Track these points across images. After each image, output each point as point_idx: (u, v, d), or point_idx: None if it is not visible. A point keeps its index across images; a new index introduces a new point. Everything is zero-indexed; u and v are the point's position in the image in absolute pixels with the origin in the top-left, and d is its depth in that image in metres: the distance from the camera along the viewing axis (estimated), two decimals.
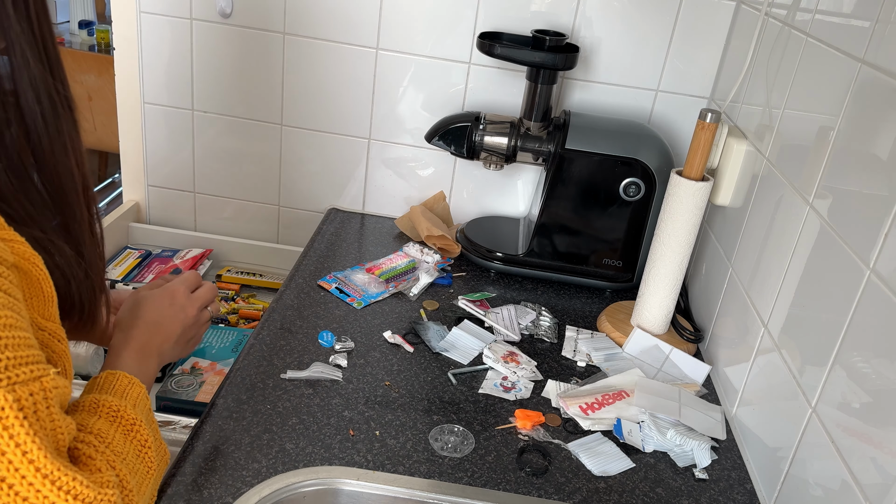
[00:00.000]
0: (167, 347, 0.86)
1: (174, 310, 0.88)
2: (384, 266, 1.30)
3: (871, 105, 0.85)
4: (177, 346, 0.88)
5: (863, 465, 0.76)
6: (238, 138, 1.65)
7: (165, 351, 0.86)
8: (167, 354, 0.86)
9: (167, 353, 0.86)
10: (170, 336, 0.86)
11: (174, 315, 0.88)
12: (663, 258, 1.24)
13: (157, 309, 0.87)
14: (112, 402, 0.71)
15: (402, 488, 0.92)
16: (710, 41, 1.46)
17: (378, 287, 1.30)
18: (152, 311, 0.86)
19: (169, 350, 0.86)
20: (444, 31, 1.50)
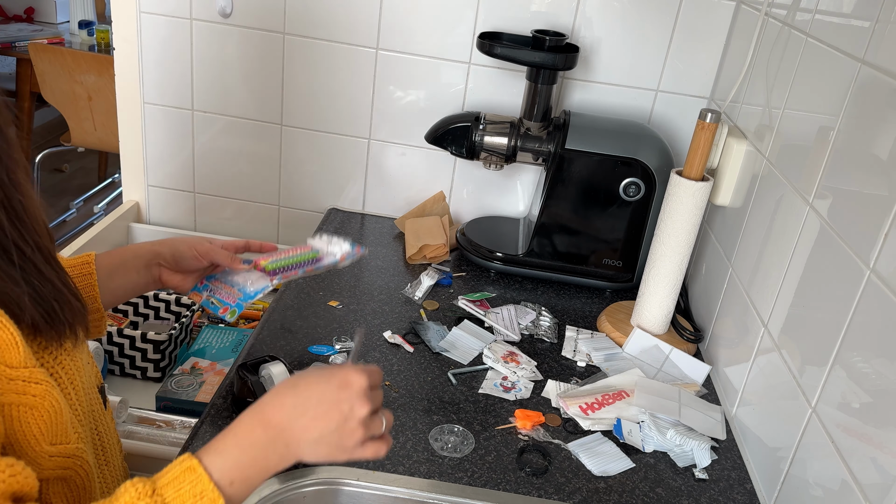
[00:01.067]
0: (313, 436, 0.67)
1: (341, 396, 0.68)
2: (272, 256, 1.02)
3: (871, 105, 0.85)
4: (321, 446, 0.68)
5: (863, 465, 0.76)
6: (238, 138, 1.65)
7: (306, 440, 0.67)
8: (305, 451, 0.68)
9: (306, 449, 0.67)
10: (325, 421, 0.67)
11: (337, 402, 0.68)
12: (663, 258, 1.24)
13: (318, 388, 0.68)
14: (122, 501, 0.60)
15: (402, 488, 0.92)
16: (710, 41, 1.46)
17: (259, 282, 0.99)
18: (309, 388, 0.68)
19: (309, 447, 0.67)
20: (444, 31, 1.50)
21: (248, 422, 0.67)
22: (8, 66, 4.11)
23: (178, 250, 0.96)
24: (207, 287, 1.02)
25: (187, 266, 0.97)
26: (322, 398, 0.68)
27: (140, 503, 0.60)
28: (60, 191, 3.84)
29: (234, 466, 0.64)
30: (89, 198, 3.79)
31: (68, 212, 3.63)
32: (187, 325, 1.43)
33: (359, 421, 0.69)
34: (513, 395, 1.12)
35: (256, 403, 0.68)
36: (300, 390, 0.69)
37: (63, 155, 3.99)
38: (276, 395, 0.69)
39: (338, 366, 0.72)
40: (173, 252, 0.96)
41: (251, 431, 0.66)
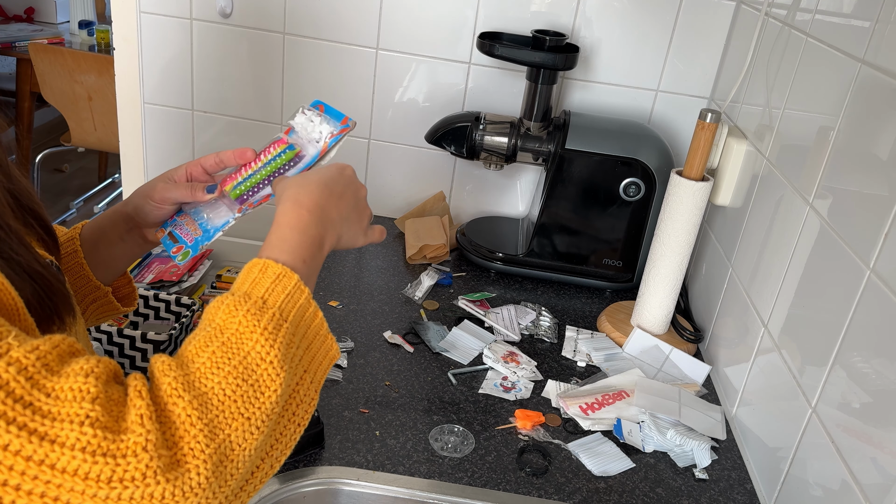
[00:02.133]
0: (343, 213, 0.73)
1: (345, 178, 0.76)
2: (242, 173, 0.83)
3: (871, 105, 0.85)
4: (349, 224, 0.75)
5: (863, 465, 0.76)
6: (238, 138, 1.65)
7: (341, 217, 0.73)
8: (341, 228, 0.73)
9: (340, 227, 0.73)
10: (343, 203, 0.74)
11: (345, 184, 0.75)
12: (663, 258, 1.24)
13: (326, 174, 0.74)
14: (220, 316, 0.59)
15: (402, 488, 0.92)
16: (710, 41, 1.46)
17: (221, 216, 0.85)
18: (320, 175, 0.74)
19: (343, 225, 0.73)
20: (443, 31, 1.51)
21: (293, 210, 0.70)
22: (8, 66, 4.11)
23: (137, 206, 0.85)
24: (174, 221, 0.86)
25: (154, 219, 0.85)
26: (334, 181, 0.74)
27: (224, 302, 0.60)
28: (60, 191, 3.84)
29: (300, 247, 0.67)
30: (89, 198, 3.79)
31: (68, 212, 3.63)
32: (187, 325, 1.43)
33: (364, 199, 0.77)
34: (513, 395, 1.12)
35: (287, 196, 0.71)
36: (314, 178, 0.73)
37: (63, 155, 4.00)
38: (301, 185, 0.72)
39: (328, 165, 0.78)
40: (135, 209, 0.85)
41: (299, 217, 0.69)
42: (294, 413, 0.61)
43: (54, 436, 0.48)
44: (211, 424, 0.53)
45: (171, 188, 0.83)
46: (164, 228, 0.86)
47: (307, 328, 0.64)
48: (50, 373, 0.50)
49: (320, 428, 0.96)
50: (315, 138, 0.84)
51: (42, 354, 0.50)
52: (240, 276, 0.64)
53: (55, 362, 0.51)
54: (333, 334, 1.06)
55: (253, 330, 0.58)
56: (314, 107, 0.87)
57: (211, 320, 0.60)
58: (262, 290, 0.62)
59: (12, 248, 0.61)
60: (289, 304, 0.62)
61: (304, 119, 0.86)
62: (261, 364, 0.57)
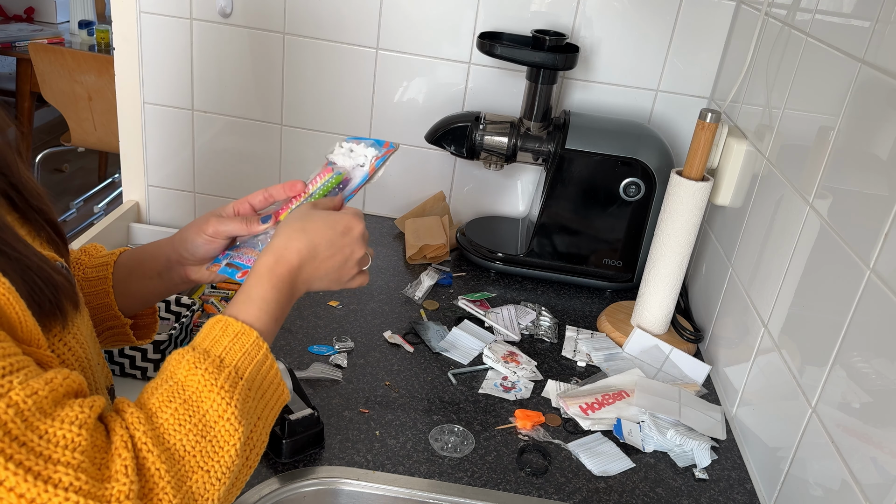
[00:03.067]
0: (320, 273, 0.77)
1: (345, 241, 0.78)
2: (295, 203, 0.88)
3: (871, 105, 0.85)
4: (324, 281, 0.79)
5: (863, 465, 0.76)
6: (238, 138, 1.65)
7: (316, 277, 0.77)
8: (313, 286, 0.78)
9: (313, 284, 0.78)
10: (331, 262, 0.77)
11: (341, 247, 0.78)
12: (663, 258, 1.24)
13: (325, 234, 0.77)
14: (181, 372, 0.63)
15: (402, 488, 0.92)
16: (710, 41, 1.46)
17: None
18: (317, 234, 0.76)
19: (316, 282, 0.78)
20: (444, 31, 1.51)
21: (272, 265, 0.73)
22: (8, 66, 4.11)
23: (187, 241, 0.86)
24: (228, 255, 0.88)
25: (204, 254, 0.86)
26: (330, 244, 0.77)
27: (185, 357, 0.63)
28: (60, 191, 3.84)
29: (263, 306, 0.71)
30: (89, 198, 3.79)
31: (68, 212, 3.63)
32: (187, 325, 1.43)
33: (356, 261, 0.80)
34: (513, 395, 1.12)
35: (272, 248, 0.75)
36: (310, 236, 0.76)
37: (63, 155, 4.00)
38: (290, 239, 0.75)
39: (339, 213, 0.79)
40: (184, 244, 0.86)
41: (275, 276, 0.73)
42: (247, 457, 0.65)
43: (46, 476, 0.51)
44: (176, 477, 0.58)
45: (224, 222, 0.86)
46: (219, 262, 0.88)
47: (262, 380, 0.67)
48: (43, 415, 0.53)
49: (320, 428, 0.96)
50: (360, 163, 0.89)
51: (39, 399, 0.53)
52: (202, 330, 0.68)
53: (49, 406, 0.54)
54: (333, 334, 1.06)
55: (210, 389, 0.62)
56: (349, 141, 0.90)
57: (173, 374, 0.63)
58: (220, 348, 0.65)
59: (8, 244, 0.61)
60: (245, 361, 0.65)
61: (344, 151, 0.90)
62: (218, 421, 0.61)
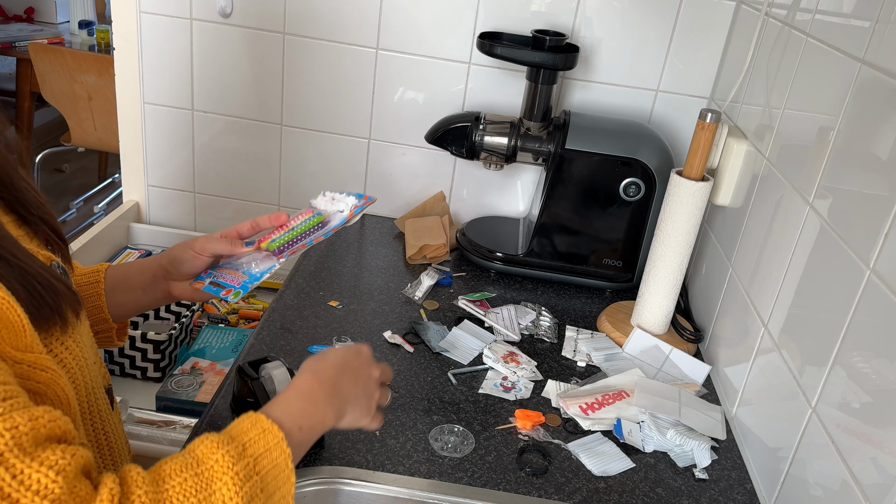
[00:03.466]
0: (352, 391, 0.78)
1: (361, 361, 0.82)
2: (277, 233, 0.94)
3: (871, 105, 0.85)
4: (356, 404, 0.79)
5: (863, 465, 0.76)
6: (238, 138, 1.65)
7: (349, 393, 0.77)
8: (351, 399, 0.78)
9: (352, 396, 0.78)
10: (356, 380, 0.79)
11: (359, 367, 0.81)
12: (663, 258, 1.24)
13: (343, 354, 0.81)
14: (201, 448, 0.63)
15: (402, 488, 0.92)
16: (710, 41, 1.46)
17: (265, 262, 0.93)
18: (337, 355, 0.80)
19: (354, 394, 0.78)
20: (444, 31, 1.51)
21: (307, 379, 0.76)
22: (8, 66, 4.11)
23: (174, 256, 0.92)
24: (210, 274, 0.94)
25: (189, 269, 0.92)
26: (349, 362, 0.80)
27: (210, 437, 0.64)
28: (60, 191, 3.84)
29: (301, 414, 0.72)
30: (89, 198, 3.79)
31: (68, 212, 3.63)
32: (187, 325, 1.43)
33: (375, 383, 0.82)
34: (513, 395, 1.12)
35: (306, 366, 0.78)
36: (333, 357, 0.79)
37: (63, 155, 3.99)
38: (320, 360, 0.79)
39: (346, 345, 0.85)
40: (171, 259, 0.92)
41: (311, 387, 0.75)
42: None
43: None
44: None
45: (212, 240, 0.91)
46: (202, 280, 0.93)
47: (276, 489, 0.66)
48: (22, 452, 0.51)
49: None
50: (340, 209, 1.00)
51: (18, 435, 0.52)
52: (234, 422, 0.69)
53: (29, 444, 0.52)
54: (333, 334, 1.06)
55: (226, 471, 0.62)
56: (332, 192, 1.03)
57: (193, 449, 0.64)
58: (245, 438, 0.66)
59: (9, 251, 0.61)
60: (265, 459, 0.65)
61: (326, 199, 1.02)
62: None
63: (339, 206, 1.00)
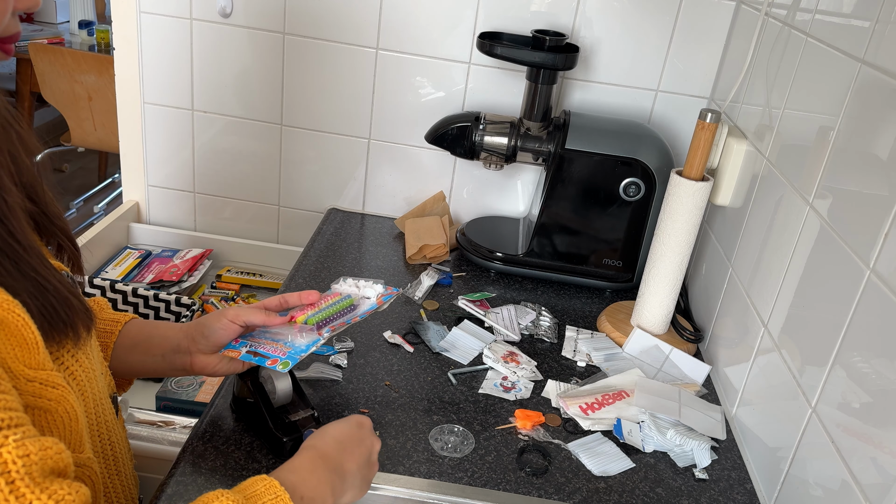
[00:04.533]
0: (352, 467, 0.79)
1: (362, 433, 0.83)
2: (310, 310, 0.94)
3: (871, 105, 0.85)
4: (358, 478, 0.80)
5: (863, 465, 0.76)
6: (238, 138, 1.65)
7: (349, 470, 0.79)
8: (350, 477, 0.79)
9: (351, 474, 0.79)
10: (356, 457, 0.80)
11: (361, 438, 0.83)
12: (663, 258, 1.24)
13: (344, 429, 0.82)
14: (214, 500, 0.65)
15: (402, 488, 0.92)
16: (710, 41, 1.46)
17: (309, 335, 0.92)
18: (339, 430, 0.82)
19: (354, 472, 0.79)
20: (444, 31, 1.51)
21: (309, 456, 0.77)
22: (8, 66, 4.11)
23: (204, 324, 0.90)
24: (245, 343, 0.91)
25: (219, 338, 0.89)
26: (351, 436, 0.82)
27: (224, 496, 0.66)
28: (60, 191, 3.82)
29: (304, 484, 0.73)
30: (89, 198, 3.79)
31: (68, 212, 3.63)
32: None
33: (376, 453, 0.84)
34: (513, 395, 1.12)
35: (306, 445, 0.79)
36: (334, 432, 0.81)
37: (63, 155, 4.00)
38: (320, 437, 0.80)
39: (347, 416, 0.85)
40: (201, 327, 0.90)
41: (314, 462, 0.76)
42: None
43: None
44: None
45: (245, 310, 0.90)
46: (235, 349, 0.90)
47: None
48: (32, 482, 0.52)
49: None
50: (367, 295, 1.00)
51: (29, 463, 0.53)
52: (245, 482, 0.71)
53: (38, 474, 0.53)
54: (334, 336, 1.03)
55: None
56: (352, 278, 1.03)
57: (206, 501, 0.66)
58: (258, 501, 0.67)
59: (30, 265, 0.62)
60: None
61: (348, 285, 1.01)
62: None
63: (365, 293, 1.00)
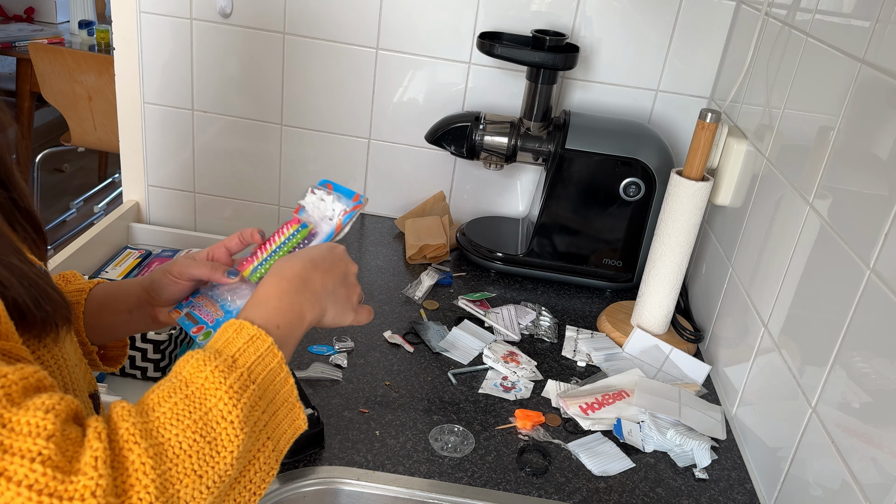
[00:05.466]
0: (327, 285, 0.73)
1: (334, 255, 0.76)
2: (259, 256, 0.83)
3: (871, 105, 0.85)
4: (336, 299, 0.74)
5: (863, 465, 0.76)
6: (238, 138, 1.65)
7: (324, 287, 0.73)
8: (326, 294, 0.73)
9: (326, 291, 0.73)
10: (330, 276, 0.74)
11: (334, 260, 0.76)
12: (663, 258, 1.24)
13: (314, 251, 0.76)
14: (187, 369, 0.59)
15: (402, 488, 0.92)
16: (710, 41, 1.46)
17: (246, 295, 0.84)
18: (308, 252, 0.75)
19: (329, 289, 0.74)
20: (444, 31, 1.51)
21: (274, 282, 0.71)
22: (8, 66, 4.11)
23: (153, 280, 0.83)
24: (190, 302, 0.85)
25: (168, 295, 0.83)
26: (323, 257, 0.75)
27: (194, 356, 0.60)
28: (60, 191, 3.84)
29: (276, 312, 0.68)
30: (89, 198, 3.79)
31: (68, 212, 3.63)
32: None
33: (354, 275, 0.78)
34: (513, 395, 1.12)
35: (271, 270, 0.73)
36: (303, 255, 0.74)
37: (63, 155, 3.99)
38: (286, 260, 0.74)
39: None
40: (152, 284, 0.83)
41: (279, 287, 0.70)
42: (251, 480, 0.60)
43: (2, 468, 0.47)
44: (163, 476, 0.52)
45: (191, 264, 0.82)
46: (180, 309, 0.84)
47: (276, 393, 0.63)
48: (11, 404, 0.49)
49: (320, 428, 0.96)
50: (328, 216, 0.87)
51: (7, 384, 0.50)
52: (215, 335, 0.64)
53: (18, 394, 0.50)
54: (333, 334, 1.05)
55: (218, 387, 0.58)
56: (322, 186, 0.88)
57: (178, 372, 0.60)
58: (233, 349, 0.62)
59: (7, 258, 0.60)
60: (259, 366, 0.62)
61: (315, 198, 0.88)
62: (221, 422, 0.57)
63: (326, 212, 0.87)
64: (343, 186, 0.88)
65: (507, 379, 1.15)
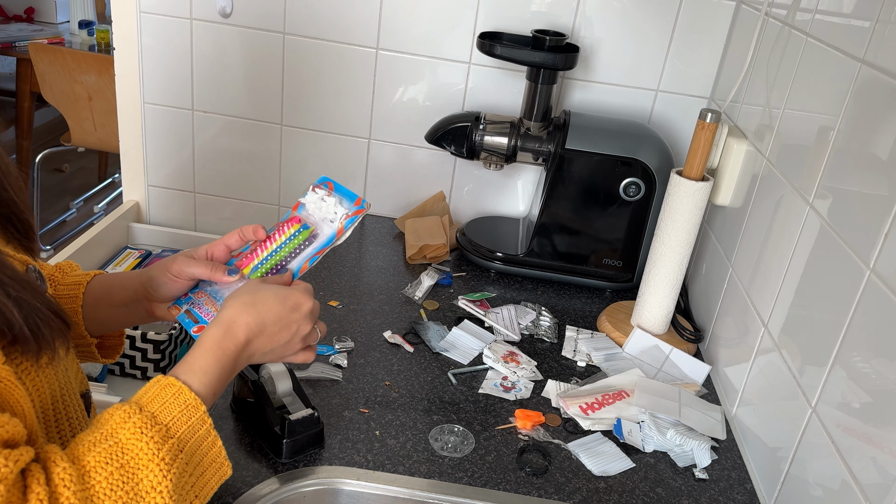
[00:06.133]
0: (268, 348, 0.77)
1: (293, 318, 0.78)
2: (259, 254, 0.84)
3: (871, 105, 0.85)
4: (268, 355, 0.78)
5: (863, 465, 0.76)
6: (238, 138, 1.65)
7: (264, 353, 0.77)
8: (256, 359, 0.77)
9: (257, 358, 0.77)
10: (278, 338, 0.77)
11: (288, 324, 0.77)
12: (663, 258, 1.24)
13: (275, 310, 0.76)
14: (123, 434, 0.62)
15: (402, 488, 0.92)
16: (710, 41, 1.46)
17: None
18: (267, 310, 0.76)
19: (260, 357, 0.77)
20: (444, 31, 1.51)
21: (221, 337, 0.73)
22: (8, 66, 4.11)
23: (151, 277, 0.84)
24: (190, 299, 0.85)
25: (166, 292, 0.84)
26: (278, 319, 0.76)
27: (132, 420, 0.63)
28: (60, 191, 3.84)
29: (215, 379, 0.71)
30: (89, 198, 3.79)
31: (68, 212, 3.63)
32: None
33: (301, 337, 0.79)
34: (513, 395, 1.12)
35: (220, 320, 0.74)
36: (259, 310, 0.76)
37: (63, 155, 3.99)
38: (239, 313, 0.75)
39: (290, 288, 0.79)
40: (149, 280, 0.84)
41: (224, 350, 0.72)
42: None
43: None
44: None
45: (191, 263, 0.83)
46: (179, 305, 0.85)
47: (203, 456, 0.67)
48: None
49: (320, 428, 0.96)
50: (330, 218, 0.85)
51: None
52: (152, 388, 0.67)
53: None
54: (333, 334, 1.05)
55: (151, 458, 0.61)
56: (322, 184, 0.87)
57: (114, 432, 0.62)
58: (168, 417, 0.65)
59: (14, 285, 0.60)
60: (189, 434, 0.65)
61: (316, 198, 0.86)
62: (151, 492, 0.61)
63: (328, 214, 0.85)
64: (344, 187, 0.87)
65: (507, 379, 1.15)
